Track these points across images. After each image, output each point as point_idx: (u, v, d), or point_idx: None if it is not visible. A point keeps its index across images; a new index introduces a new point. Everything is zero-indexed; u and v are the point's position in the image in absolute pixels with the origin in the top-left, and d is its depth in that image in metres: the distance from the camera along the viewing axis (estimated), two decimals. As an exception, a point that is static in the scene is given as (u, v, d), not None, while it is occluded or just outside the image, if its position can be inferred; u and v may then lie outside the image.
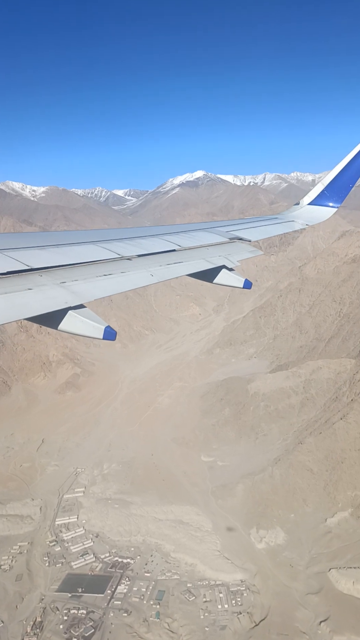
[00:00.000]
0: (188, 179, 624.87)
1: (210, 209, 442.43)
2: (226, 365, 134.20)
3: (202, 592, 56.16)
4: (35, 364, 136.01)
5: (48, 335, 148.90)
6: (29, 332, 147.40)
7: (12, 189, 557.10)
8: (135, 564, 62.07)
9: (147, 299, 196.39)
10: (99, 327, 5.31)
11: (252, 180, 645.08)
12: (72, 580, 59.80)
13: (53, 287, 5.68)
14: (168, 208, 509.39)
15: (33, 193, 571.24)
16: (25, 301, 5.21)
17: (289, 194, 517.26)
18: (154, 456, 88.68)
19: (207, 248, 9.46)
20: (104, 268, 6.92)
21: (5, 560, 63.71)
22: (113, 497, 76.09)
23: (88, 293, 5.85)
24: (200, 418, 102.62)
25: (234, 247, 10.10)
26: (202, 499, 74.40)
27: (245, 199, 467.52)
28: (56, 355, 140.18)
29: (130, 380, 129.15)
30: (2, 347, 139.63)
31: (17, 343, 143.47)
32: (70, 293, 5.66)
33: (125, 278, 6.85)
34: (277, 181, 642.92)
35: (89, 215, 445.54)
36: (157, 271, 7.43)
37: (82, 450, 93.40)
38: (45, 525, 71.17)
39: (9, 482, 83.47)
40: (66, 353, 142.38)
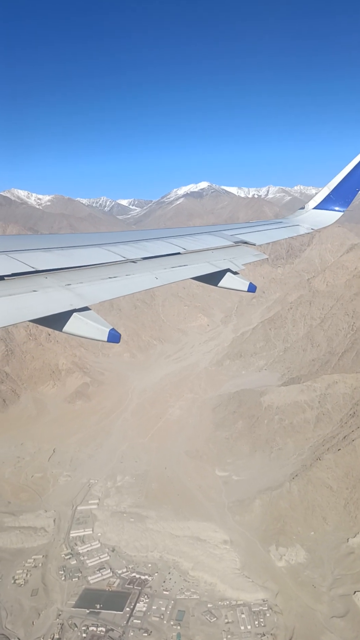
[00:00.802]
0: (192, 189, 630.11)
1: (216, 220, 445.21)
2: (236, 377, 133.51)
3: (224, 612, 54.89)
4: (44, 372, 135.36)
5: (57, 344, 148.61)
6: (38, 340, 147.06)
7: (17, 196, 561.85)
8: (153, 581, 60.83)
9: (155, 309, 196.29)
10: (103, 329, 5.29)
11: (256, 193, 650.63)
12: (89, 595, 58.54)
13: (58, 289, 5.72)
14: (172, 218, 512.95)
15: (38, 201, 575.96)
16: (31, 303, 5.25)
17: (292, 206, 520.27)
18: (168, 469, 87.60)
19: (211, 251, 9.45)
20: (109, 270, 6.92)
21: (20, 575, 62.48)
22: (128, 511, 74.92)
23: (93, 295, 5.87)
24: (213, 430, 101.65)
25: (239, 250, 10.06)
26: (219, 514, 73.23)
27: (250, 211, 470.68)
28: (65, 363, 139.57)
29: (140, 391, 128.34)
30: (11, 355, 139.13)
31: (26, 351, 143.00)
32: (75, 295, 5.69)
33: (130, 280, 6.83)
34: (280, 194, 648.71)
35: (94, 224, 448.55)
36: (162, 274, 7.41)
37: (94, 462, 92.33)
38: (60, 538, 69.97)
39: (21, 493, 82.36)
40: (75, 362, 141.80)
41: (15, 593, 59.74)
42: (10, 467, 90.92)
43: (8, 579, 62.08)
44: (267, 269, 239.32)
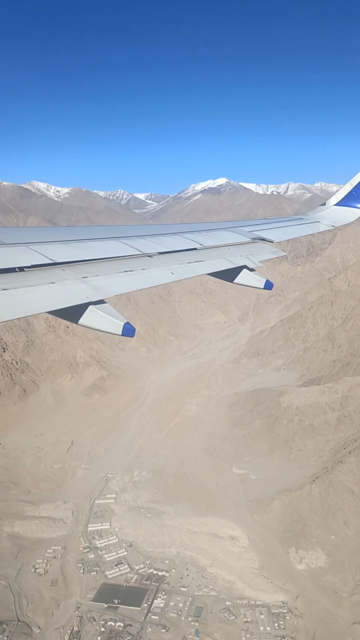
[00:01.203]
0: (210, 185, 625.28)
1: (233, 217, 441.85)
2: (254, 375, 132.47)
3: (242, 611, 54.57)
4: (62, 364, 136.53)
5: (75, 336, 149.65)
6: (57, 332, 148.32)
7: (37, 189, 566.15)
8: (170, 577, 60.84)
9: (172, 305, 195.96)
10: (118, 323, 5.30)
11: (275, 190, 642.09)
12: (107, 590, 58.86)
13: (75, 282, 5.74)
14: (189, 214, 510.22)
15: (57, 193, 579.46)
16: (49, 295, 5.29)
17: (312, 204, 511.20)
18: (184, 465, 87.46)
19: (228, 247, 9.37)
20: (125, 264, 6.92)
21: (40, 564, 63.21)
22: (145, 506, 75.06)
23: (109, 289, 5.88)
24: (230, 428, 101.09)
25: (256, 247, 9.94)
26: (237, 513, 72.80)
27: (269, 208, 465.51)
28: (83, 357, 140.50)
29: (157, 386, 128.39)
30: (31, 346, 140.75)
31: (45, 342, 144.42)
32: (91, 288, 5.70)
33: (146, 275, 6.81)
34: (300, 191, 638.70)
35: (111, 218, 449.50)
36: (177, 269, 7.37)
37: (111, 455, 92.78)
38: (78, 531, 70.52)
39: (40, 483, 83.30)
40: (93, 355, 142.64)
41: (36, 582, 60.46)
42: (30, 456, 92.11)
43: (28, 568, 62.88)
44: (286, 267, 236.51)
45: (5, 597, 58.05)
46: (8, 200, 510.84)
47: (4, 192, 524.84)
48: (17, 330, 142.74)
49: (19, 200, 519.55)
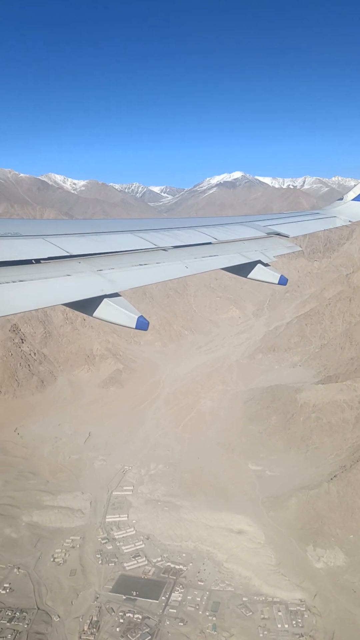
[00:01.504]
0: (225, 179, 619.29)
1: (249, 211, 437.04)
2: (269, 371, 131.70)
3: (259, 608, 54.67)
4: (79, 356, 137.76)
5: (91, 329, 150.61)
6: (74, 325, 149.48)
7: (54, 181, 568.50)
8: (187, 571, 61.25)
9: (187, 299, 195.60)
10: (132, 316, 5.33)
11: (292, 184, 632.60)
12: (125, 581, 59.55)
13: (90, 275, 5.76)
14: (204, 208, 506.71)
15: (73, 186, 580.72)
16: (65, 287, 5.32)
17: (330, 198, 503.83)
18: (200, 460, 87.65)
19: (243, 242, 9.34)
20: (139, 257, 6.91)
21: (59, 554, 64.24)
22: (162, 499, 75.56)
23: (123, 282, 5.89)
24: (245, 424, 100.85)
25: (271, 242, 9.89)
26: (253, 509, 72.77)
27: (285, 202, 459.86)
28: (99, 349, 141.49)
29: (172, 380, 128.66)
30: (49, 337, 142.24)
31: (62, 334, 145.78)
32: (106, 281, 5.72)
33: (161, 268, 6.82)
34: (317, 185, 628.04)
35: (127, 210, 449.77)
36: (192, 263, 7.36)
37: (128, 448, 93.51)
38: (96, 521, 71.40)
39: (58, 473, 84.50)
40: (109, 348, 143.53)
41: (55, 571, 61.49)
42: (48, 446, 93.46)
43: (47, 557, 63.97)
44: (303, 263, 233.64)
45: (25, 586, 59.21)
46: (25, 192, 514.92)
47: (21, 184, 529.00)
48: (35, 321, 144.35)
49: (36, 192, 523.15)
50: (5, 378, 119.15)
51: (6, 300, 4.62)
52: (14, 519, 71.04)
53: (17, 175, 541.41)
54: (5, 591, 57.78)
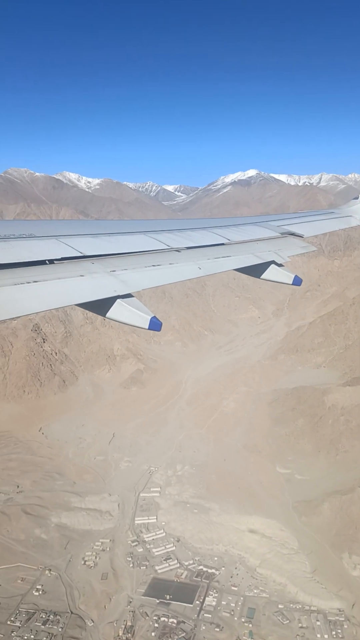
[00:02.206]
0: (240, 177, 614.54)
1: (264, 209, 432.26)
2: (292, 372, 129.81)
3: (296, 616, 53.51)
4: (100, 356, 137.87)
5: (111, 329, 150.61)
6: (94, 324, 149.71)
7: (69, 179, 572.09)
8: (220, 575, 60.41)
9: (206, 299, 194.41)
10: (145, 317, 5.30)
11: (307, 181, 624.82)
12: (158, 585, 58.97)
13: (103, 275, 5.78)
14: (219, 206, 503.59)
15: (88, 184, 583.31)
16: (78, 287, 5.33)
17: (347, 195, 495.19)
18: (227, 462, 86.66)
19: (256, 242, 9.29)
20: (152, 258, 6.92)
21: (90, 557, 63.99)
22: (190, 501, 74.82)
23: (136, 283, 5.91)
24: (271, 426, 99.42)
25: (285, 242, 9.81)
26: (283, 513, 71.52)
27: (302, 200, 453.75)
28: (120, 349, 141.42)
29: (194, 381, 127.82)
30: (69, 337, 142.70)
31: (83, 334, 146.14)
32: (119, 282, 5.73)
33: (174, 269, 6.82)
34: (334, 182, 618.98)
35: (141, 209, 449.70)
36: (205, 264, 7.35)
37: (153, 449, 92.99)
38: (125, 524, 71.01)
39: (85, 474, 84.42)
40: (129, 348, 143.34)
41: (86, 574, 61.24)
42: (73, 447, 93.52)
43: (78, 560, 63.78)
44: (323, 261, 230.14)
45: (57, 589, 59.09)
46: (40, 191, 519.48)
47: (36, 183, 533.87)
48: (56, 321, 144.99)
49: (51, 191, 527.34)
50: (28, 378, 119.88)
51: (21, 301, 4.64)
52: (44, 520, 71.10)
53: (32, 174, 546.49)
54: (38, 593, 57.73)
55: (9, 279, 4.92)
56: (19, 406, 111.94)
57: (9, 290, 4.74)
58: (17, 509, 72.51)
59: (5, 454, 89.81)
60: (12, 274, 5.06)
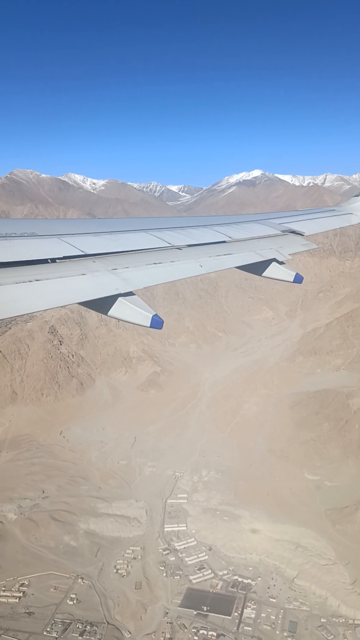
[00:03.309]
0: (245, 177, 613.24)
1: (270, 210, 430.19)
2: (311, 375, 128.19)
3: (341, 630, 52.07)
4: (116, 358, 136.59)
5: (126, 330, 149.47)
6: (109, 327, 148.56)
7: (74, 181, 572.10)
8: (257, 586, 58.99)
9: (218, 300, 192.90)
10: (147, 315, 5.27)
11: (312, 181, 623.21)
12: (194, 596, 57.61)
13: (105, 274, 5.78)
14: (224, 207, 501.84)
15: (93, 186, 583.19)
16: (80, 286, 5.32)
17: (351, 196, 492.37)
18: (253, 468, 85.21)
19: (258, 240, 9.28)
20: (154, 256, 6.92)
21: (121, 565, 62.73)
22: (219, 509, 73.44)
23: (138, 280, 5.91)
24: (295, 430, 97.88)
25: (286, 240, 9.82)
26: (316, 521, 70.02)
27: (308, 200, 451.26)
28: (136, 351, 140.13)
29: (212, 383, 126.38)
30: (85, 339, 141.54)
31: (98, 336, 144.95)
32: (121, 280, 5.73)
33: (175, 267, 6.83)
34: (339, 182, 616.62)
35: (147, 210, 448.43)
36: (206, 262, 7.38)
37: (176, 453, 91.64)
38: (154, 531, 69.71)
39: (109, 479, 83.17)
40: (145, 350, 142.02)
41: (119, 583, 59.96)
42: (95, 451, 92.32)
43: (109, 568, 62.54)
44: (334, 262, 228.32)
45: (91, 598, 57.85)
46: (47, 193, 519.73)
47: (42, 184, 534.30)
48: (71, 323, 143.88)
49: (57, 192, 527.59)
50: (46, 380, 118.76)
51: (23, 299, 4.62)
52: (72, 526, 69.89)
53: (38, 175, 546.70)
54: (73, 602, 56.49)
55: (11, 278, 4.90)
56: (38, 409, 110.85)
57: (11, 288, 4.72)
58: (44, 515, 71.35)
59: (28, 458, 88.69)
60: (14, 272, 5.05)
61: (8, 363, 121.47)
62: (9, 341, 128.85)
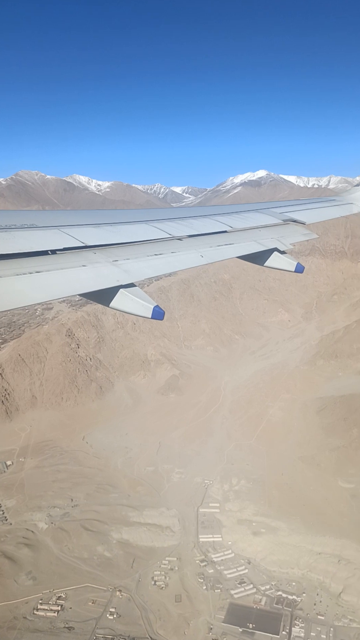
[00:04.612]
0: (249, 178, 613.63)
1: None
2: (334, 379, 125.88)
3: None
4: (134, 361, 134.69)
5: (142, 333, 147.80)
6: (125, 329, 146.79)
7: (79, 182, 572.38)
8: (302, 602, 56.84)
9: (233, 302, 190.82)
10: (148, 306, 5.29)
11: (317, 182, 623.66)
12: (237, 611, 55.54)
13: (106, 265, 5.74)
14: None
15: (98, 187, 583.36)
16: (81, 277, 5.28)
17: None
18: (284, 476, 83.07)
19: (259, 230, 9.11)
20: (154, 247, 6.87)
21: (159, 576, 60.75)
22: (254, 520, 71.33)
23: (139, 272, 5.88)
24: (324, 437, 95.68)
25: (287, 229, 9.72)
26: (356, 532, 67.79)
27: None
28: (154, 354, 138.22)
29: (233, 388, 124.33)
30: (102, 342, 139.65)
31: (115, 339, 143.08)
32: (122, 271, 5.71)
33: (176, 258, 6.77)
34: (343, 184, 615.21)
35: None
36: (207, 252, 7.28)
37: (203, 460, 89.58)
38: (189, 541, 67.68)
39: (137, 486, 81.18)
40: (163, 353, 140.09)
41: (159, 596, 57.96)
42: (120, 457, 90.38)
43: (147, 579, 60.56)
44: (347, 264, 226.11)
45: (131, 611, 55.86)
46: (52, 194, 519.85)
47: (48, 185, 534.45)
48: (88, 326, 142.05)
49: (62, 193, 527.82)
50: (66, 384, 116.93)
51: (23, 291, 4.58)
52: (104, 536, 67.91)
53: (43, 177, 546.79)
54: (113, 617, 54.51)
55: (11, 270, 4.83)
56: (59, 414, 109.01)
57: (11, 280, 4.64)
58: (75, 524, 69.39)
59: (53, 464, 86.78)
60: (14, 264, 4.96)
61: (27, 367, 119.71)
62: (27, 344, 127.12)
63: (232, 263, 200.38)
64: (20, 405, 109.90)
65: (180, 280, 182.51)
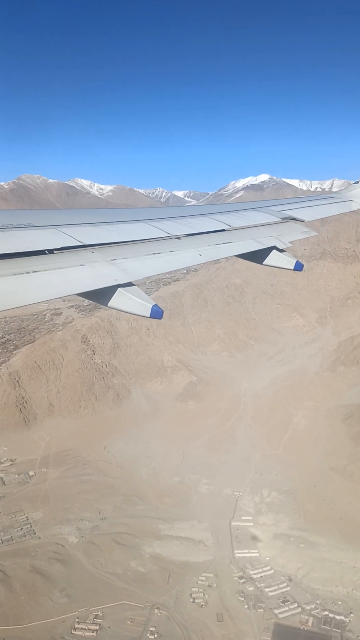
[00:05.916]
0: (252, 182, 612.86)
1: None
2: (356, 385, 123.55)
3: None
4: (150, 368, 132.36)
5: (156, 339, 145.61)
6: (140, 335, 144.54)
7: (81, 186, 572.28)
8: (351, 623, 54.20)
9: (246, 306, 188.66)
10: (147, 305, 5.26)
11: (319, 186, 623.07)
12: (283, 633, 53.02)
13: (104, 264, 5.74)
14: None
15: (100, 191, 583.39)
16: (78, 277, 5.30)
17: None
18: (317, 488, 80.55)
19: (257, 228, 9.18)
20: (153, 246, 6.87)
21: (197, 593, 58.22)
22: (292, 534, 68.78)
23: (137, 271, 5.89)
24: (354, 446, 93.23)
25: (286, 227, 9.70)
26: None
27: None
28: (170, 360, 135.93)
29: (252, 394, 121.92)
30: (117, 348, 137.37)
31: (130, 345, 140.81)
32: (120, 270, 5.71)
33: (174, 257, 6.80)
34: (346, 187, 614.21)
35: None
36: (205, 251, 7.30)
37: (230, 470, 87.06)
38: (224, 556, 65.13)
39: (165, 498, 78.67)
40: (180, 359, 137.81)
41: (199, 614, 55.41)
42: (144, 467, 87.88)
43: (184, 596, 58.04)
44: (359, 268, 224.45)
45: (172, 630, 53.30)
46: (54, 198, 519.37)
47: (50, 189, 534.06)
48: (102, 332, 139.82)
49: (64, 197, 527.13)
50: (83, 392, 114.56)
51: (20, 292, 4.57)
52: (136, 550, 65.38)
53: (45, 180, 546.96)
54: (154, 636, 51.93)
55: (8, 270, 4.82)
56: (77, 422, 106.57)
57: (8, 280, 4.65)
58: (106, 538, 66.86)
59: (77, 475, 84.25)
60: (10, 264, 4.94)
61: (43, 374, 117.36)
62: (42, 351, 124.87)
63: (243, 267, 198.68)
64: (38, 413, 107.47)
65: (193, 285, 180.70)
